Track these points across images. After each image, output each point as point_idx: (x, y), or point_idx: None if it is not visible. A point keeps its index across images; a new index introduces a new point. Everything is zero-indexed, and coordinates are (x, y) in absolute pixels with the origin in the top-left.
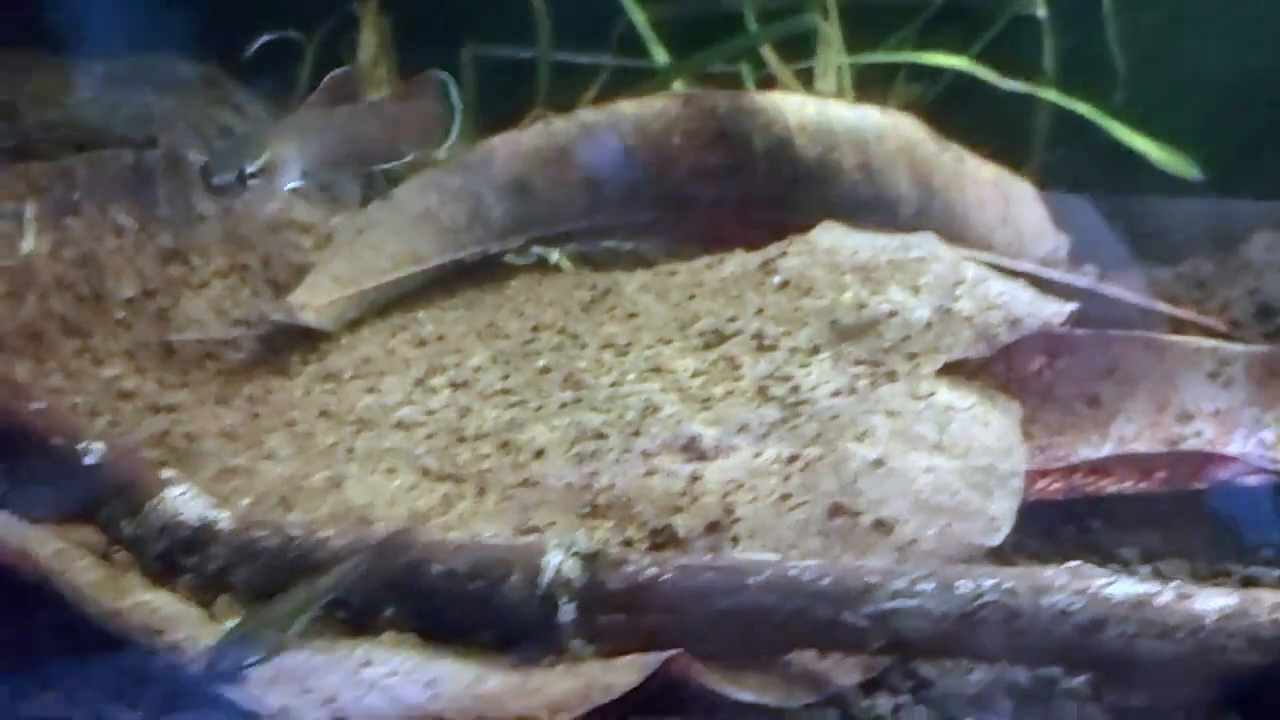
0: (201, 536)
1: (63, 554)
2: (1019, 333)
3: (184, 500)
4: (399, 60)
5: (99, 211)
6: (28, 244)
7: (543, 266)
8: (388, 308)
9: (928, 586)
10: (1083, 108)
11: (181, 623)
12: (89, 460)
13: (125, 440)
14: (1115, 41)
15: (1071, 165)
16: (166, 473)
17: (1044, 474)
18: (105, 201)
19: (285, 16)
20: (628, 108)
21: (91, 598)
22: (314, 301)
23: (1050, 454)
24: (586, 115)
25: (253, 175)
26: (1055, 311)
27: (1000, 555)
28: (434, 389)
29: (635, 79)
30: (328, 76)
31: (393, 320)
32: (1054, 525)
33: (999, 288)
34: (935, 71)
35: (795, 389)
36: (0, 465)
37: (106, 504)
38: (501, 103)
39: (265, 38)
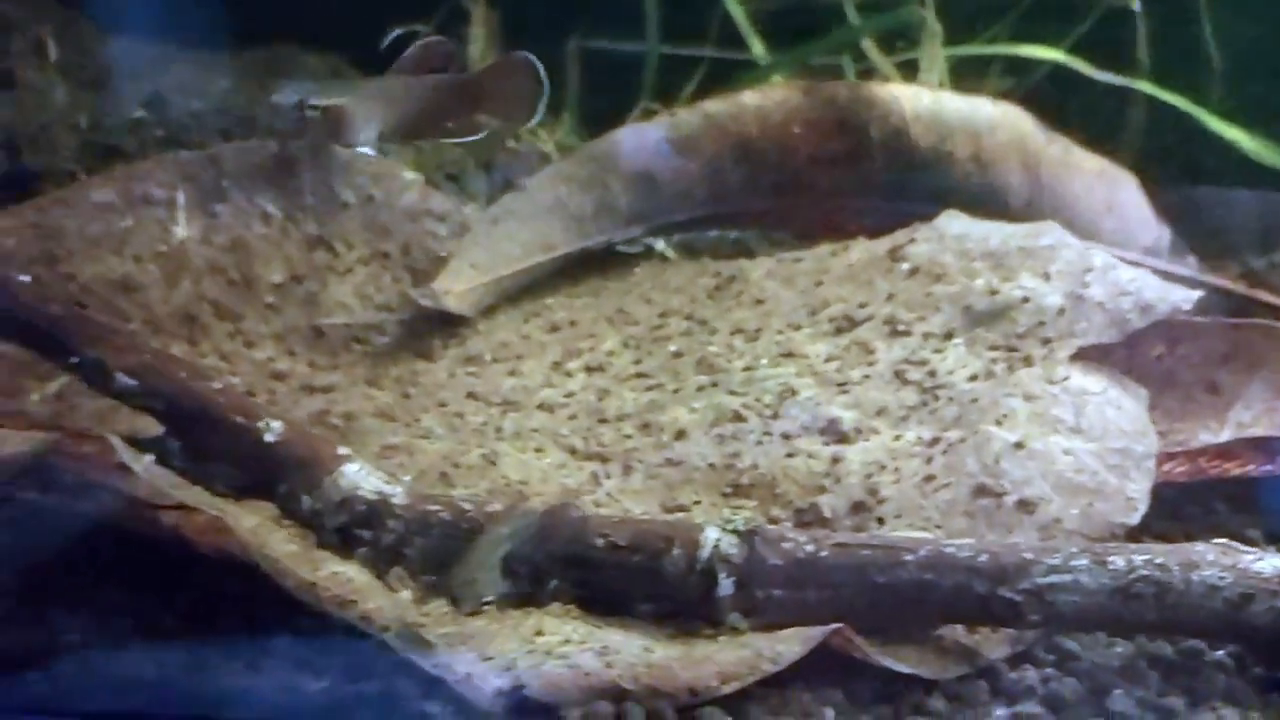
0: (378, 510)
1: (260, 528)
2: (1150, 318)
3: (360, 475)
4: (507, 52)
5: (246, 199)
6: (180, 230)
7: (661, 255)
8: (519, 294)
9: (1081, 563)
10: (1176, 99)
11: (370, 593)
12: (269, 437)
13: (300, 418)
14: (1210, 34)
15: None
16: (342, 449)
17: (1170, 457)
18: (252, 190)
19: (399, 10)
20: (750, 99)
21: (289, 570)
22: (455, 288)
23: (1170, 439)
24: (710, 106)
25: (312, 108)
26: (1184, 298)
27: (1131, 535)
28: (570, 372)
29: (734, 71)
30: (417, 44)
31: (524, 306)
32: (1179, 506)
33: (1128, 275)
34: (1027, 63)
35: (932, 373)
36: (183, 443)
37: (285, 480)
38: (603, 94)
39: (396, 32)
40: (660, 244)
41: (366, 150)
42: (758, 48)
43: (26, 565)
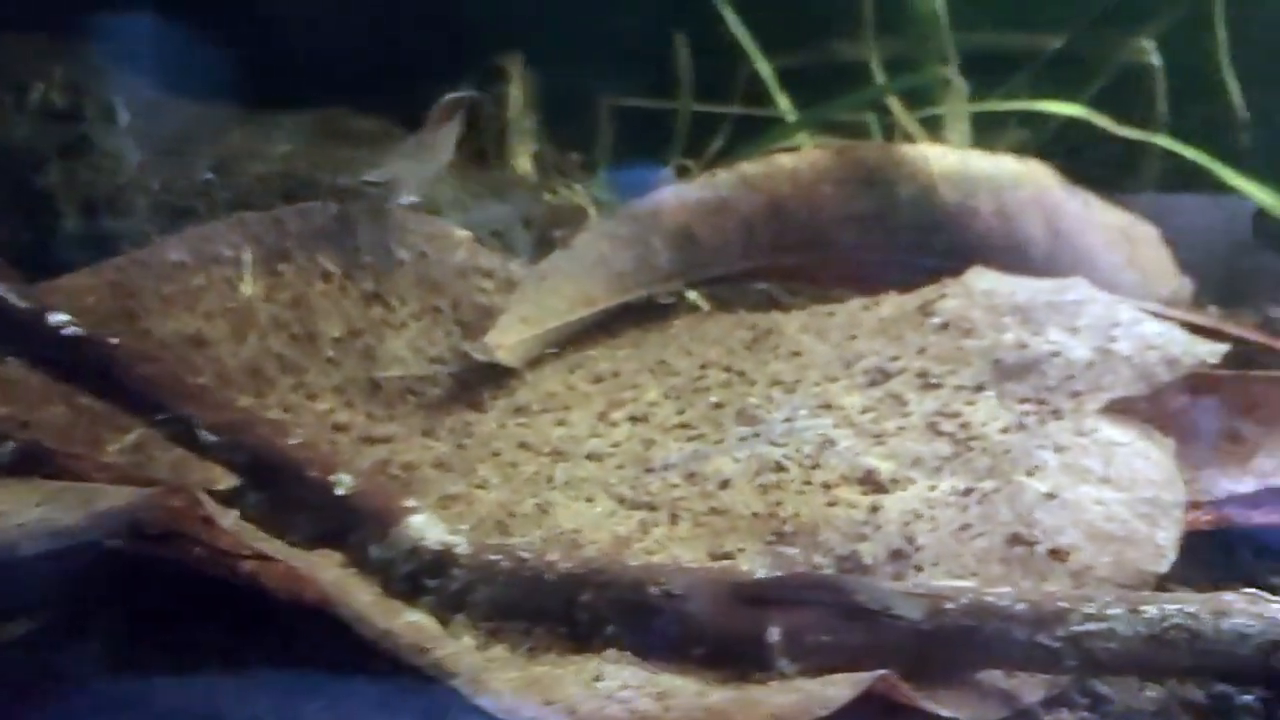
0: (442, 560)
1: (342, 578)
2: (1177, 372)
3: (425, 526)
4: (542, 111)
5: (308, 258)
6: (246, 288)
7: (695, 306)
8: (563, 346)
9: (1116, 611)
10: (1194, 153)
11: (441, 641)
12: (340, 490)
13: (365, 469)
14: (1230, 89)
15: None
16: (408, 501)
17: (1195, 506)
18: (313, 249)
19: (437, 71)
20: (783, 160)
21: (368, 618)
22: (505, 341)
23: (1194, 487)
24: (745, 168)
25: (371, 184)
26: (1210, 351)
27: (1159, 582)
28: (615, 422)
29: (762, 128)
30: (445, 98)
31: (569, 358)
32: (1204, 554)
33: (1155, 329)
34: (1046, 115)
35: (965, 425)
36: (260, 494)
37: (355, 530)
38: (635, 150)
39: (451, 95)
40: (693, 294)
41: (413, 200)
42: (784, 105)
43: (114, 610)
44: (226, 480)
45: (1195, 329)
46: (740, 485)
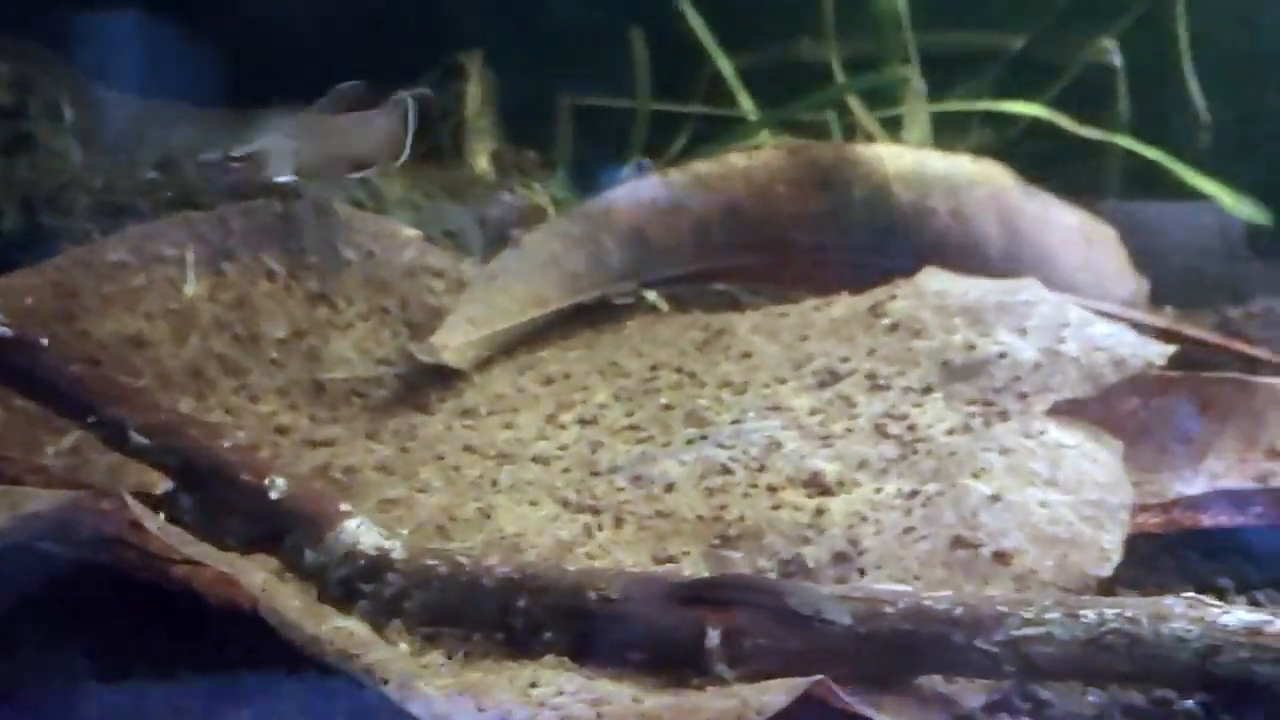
0: (377, 565)
1: (270, 583)
2: (1124, 373)
3: (360, 531)
4: (502, 109)
5: (252, 257)
6: (189, 287)
7: (652, 306)
8: (514, 347)
9: (1055, 615)
10: (1155, 154)
11: (372, 647)
12: (274, 494)
13: (304, 473)
14: (1191, 90)
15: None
16: (343, 505)
17: (1144, 509)
18: (258, 248)
19: (394, 67)
20: (737, 160)
21: (295, 623)
22: (452, 342)
23: (1145, 489)
24: (699, 167)
25: (236, 159)
26: (1159, 352)
27: (1105, 585)
28: (564, 425)
29: (724, 127)
30: (336, 88)
31: (520, 359)
32: (1152, 557)
33: (1104, 329)
34: (1011, 117)
35: (912, 427)
36: (194, 498)
37: (290, 534)
38: (595, 149)
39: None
40: (652, 295)
41: (287, 178)
42: (746, 104)
43: (46, 613)
44: (163, 484)
45: (1148, 330)
46: (686, 488)
